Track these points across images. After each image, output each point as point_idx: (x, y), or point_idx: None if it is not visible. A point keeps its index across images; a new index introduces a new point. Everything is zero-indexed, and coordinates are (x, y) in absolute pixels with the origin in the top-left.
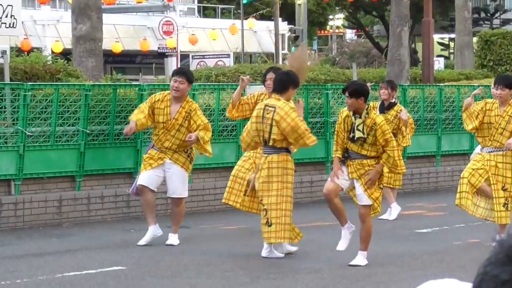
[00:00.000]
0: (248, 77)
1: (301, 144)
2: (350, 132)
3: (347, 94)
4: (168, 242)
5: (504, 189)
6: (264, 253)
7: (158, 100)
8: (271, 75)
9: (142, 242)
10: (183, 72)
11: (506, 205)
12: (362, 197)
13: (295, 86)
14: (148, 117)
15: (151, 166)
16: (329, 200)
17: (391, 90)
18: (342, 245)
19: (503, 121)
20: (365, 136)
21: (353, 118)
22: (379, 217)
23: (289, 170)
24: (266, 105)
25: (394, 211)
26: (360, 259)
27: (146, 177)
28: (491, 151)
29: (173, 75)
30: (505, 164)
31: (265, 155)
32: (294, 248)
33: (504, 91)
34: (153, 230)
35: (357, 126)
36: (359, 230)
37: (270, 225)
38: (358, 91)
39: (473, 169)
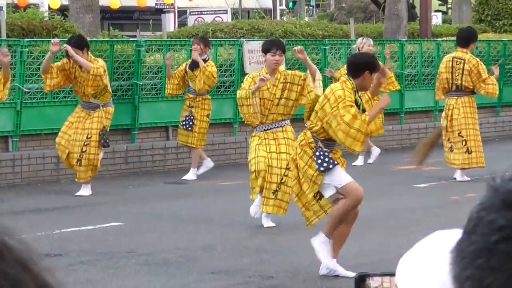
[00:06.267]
0: (57, 40)
1: (482, 90)
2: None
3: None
4: None
5: (287, 168)
6: (458, 177)
7: None
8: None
9: None
10: None
11: (276, 192)
12: None
13: (476, 40)
14: None
15: None
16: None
17: (203, 46)
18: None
19: (278, 90)
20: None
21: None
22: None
23: (475, 108)
24: (454, 57)
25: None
26: None
27: None
28: (268, 129)
29: None
30: (286, 140)
31: (455, 97)
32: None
33: (281, 56)
34: None
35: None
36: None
37: (470, 153)
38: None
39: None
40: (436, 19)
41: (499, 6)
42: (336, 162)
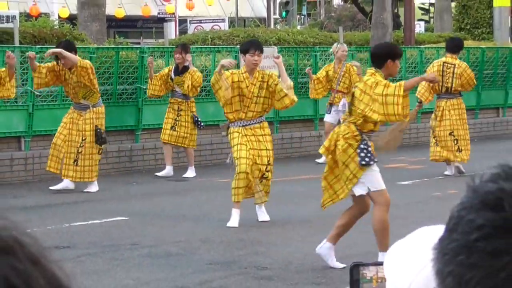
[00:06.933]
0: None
1: (470, 89)
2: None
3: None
4: None
5: (268, 163)
6: (447, 171)
7: None
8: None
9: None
10: None
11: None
12: None
13: (462, 48)
14: None
15: None
16: None
17: (184, 54)
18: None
19: (256, 89)
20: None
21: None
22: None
23: (463, 110)
24: (444, 62)
25: None
26: None
27: None
28: (246, 124)
29: None
30: (264, 136)
31: (445, 100)
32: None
33: (260, 57)
34: None
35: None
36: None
37: (460, 151)
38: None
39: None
40: (419, 27)
41: (478, 16)
42: (376, 160)
